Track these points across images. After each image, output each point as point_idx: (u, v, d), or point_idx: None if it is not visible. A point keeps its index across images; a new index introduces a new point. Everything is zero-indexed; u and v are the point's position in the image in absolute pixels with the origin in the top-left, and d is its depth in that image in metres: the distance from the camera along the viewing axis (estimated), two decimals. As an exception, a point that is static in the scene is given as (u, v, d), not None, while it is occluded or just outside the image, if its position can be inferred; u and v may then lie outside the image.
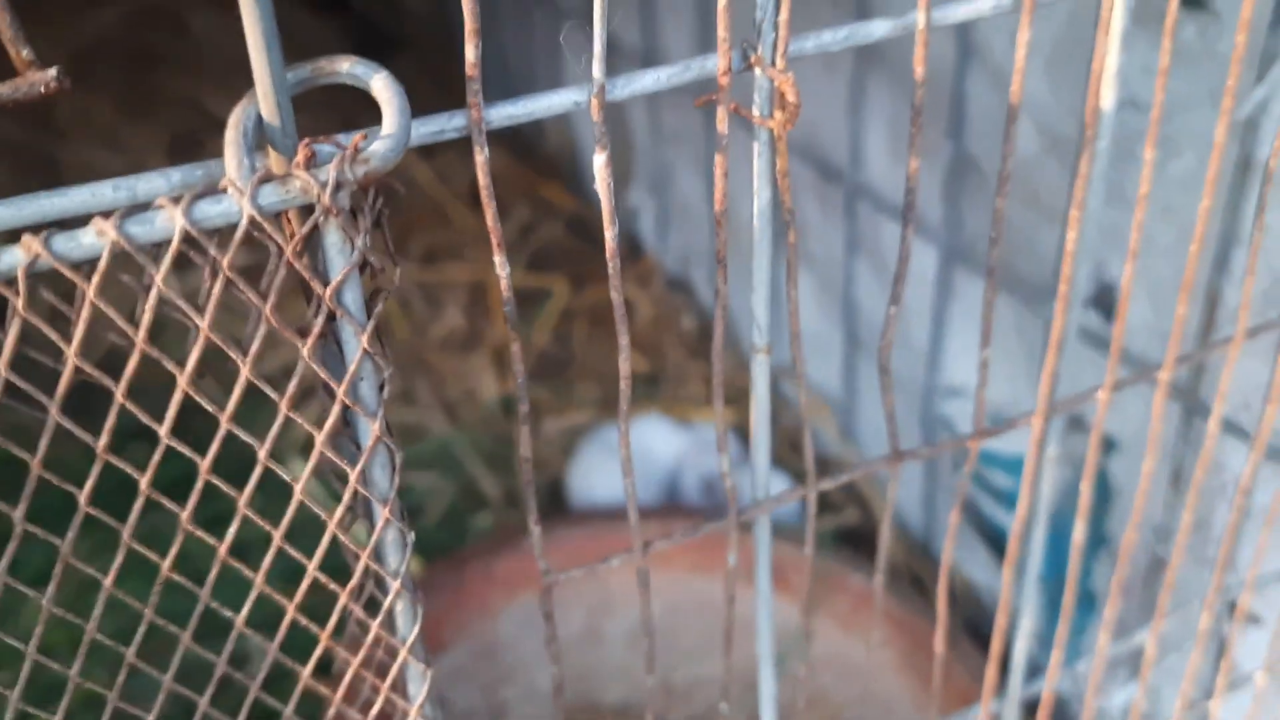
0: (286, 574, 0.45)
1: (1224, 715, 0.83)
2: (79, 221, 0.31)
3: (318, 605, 0.38)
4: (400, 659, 0.38)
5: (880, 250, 1.10)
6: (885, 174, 1.07)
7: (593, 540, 1.06)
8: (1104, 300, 0.84)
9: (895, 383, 1.13)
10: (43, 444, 0.31)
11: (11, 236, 0.31)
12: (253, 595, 0.36)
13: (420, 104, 0.38)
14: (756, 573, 0.54)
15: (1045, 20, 0.82)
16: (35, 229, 0.31)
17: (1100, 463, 0.90)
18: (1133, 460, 0.87)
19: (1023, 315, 0.92)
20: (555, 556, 1.02)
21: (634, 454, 1.26)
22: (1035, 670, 0.69)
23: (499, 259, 0.37)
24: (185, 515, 0.34)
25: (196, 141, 1.74)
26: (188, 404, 0.33)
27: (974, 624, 1.09)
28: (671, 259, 1.58)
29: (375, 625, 0.38)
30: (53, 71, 0.31)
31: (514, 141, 1.85)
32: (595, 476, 1.24)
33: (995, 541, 1.05)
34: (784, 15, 0.37)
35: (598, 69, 0.35)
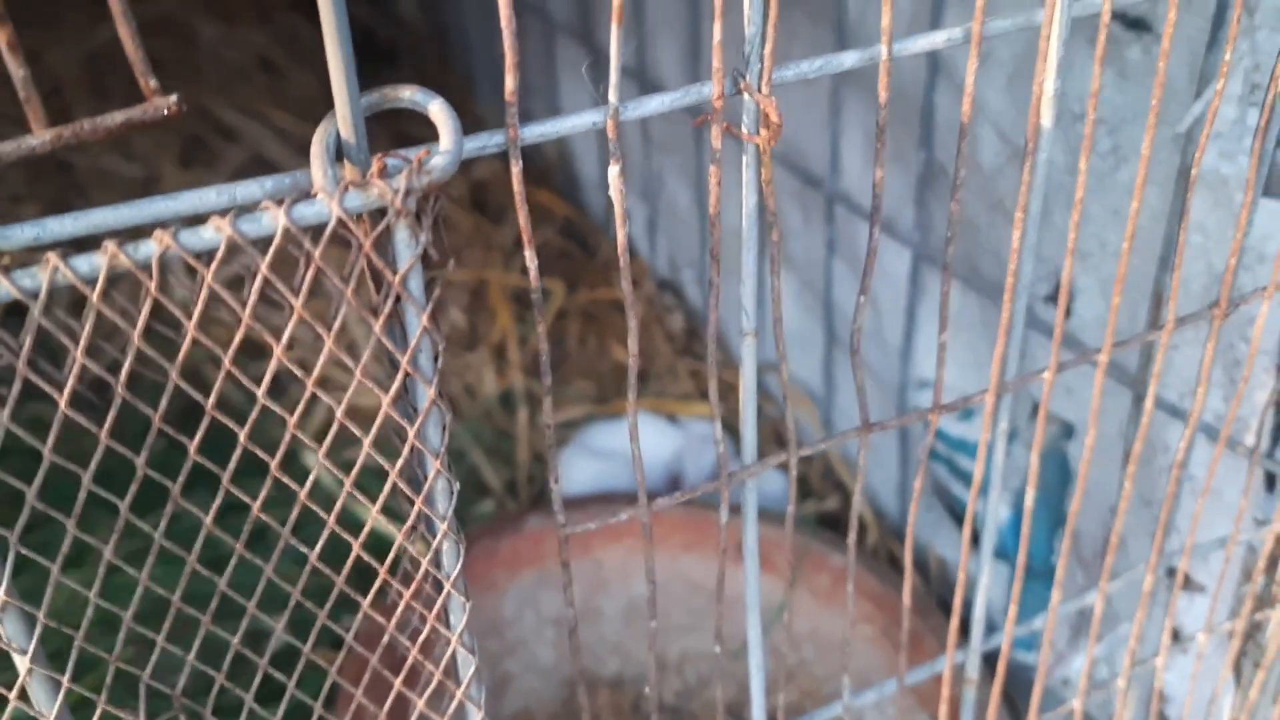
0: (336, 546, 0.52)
1: (1170, 674, 0.90)
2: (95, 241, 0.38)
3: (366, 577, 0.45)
4: (445, 591, 0.45)
5: (857, 253, 1.17)
6: (862, 181, 1.14)
7: (586, 519, 1.13)
8: (1059, 297, 0.92)
9: (871, 376, 1.21)
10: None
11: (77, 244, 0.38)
12: (325, 533, 0.43)
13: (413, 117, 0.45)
14: (744, 536, 0.61)
15: (1007, 41, 0.89)
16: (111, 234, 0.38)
17: (1060, 448, 0.98)
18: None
19: (988, 311, 0.99)
20: (554, 536, 1.09)
21: (626, 452, 1.33)
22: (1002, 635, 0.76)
23: (529, 253, 0.44)
24: (274, 471, 0.41)
25: (206, 148, 1.80)
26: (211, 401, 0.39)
27: (948, 602, 1.16)
28: (661, 262, 1.66)
29: (425, 562, 0.45)
30: (173, 97, 0.38)
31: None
32: (575, 476, 1.31)
33: (962, 520, 1.12)
34: (769, 48, 0.44)
35: (613, 95, 0.42)
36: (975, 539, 1.08)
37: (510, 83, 0.40)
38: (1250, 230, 0.75)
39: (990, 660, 1.03)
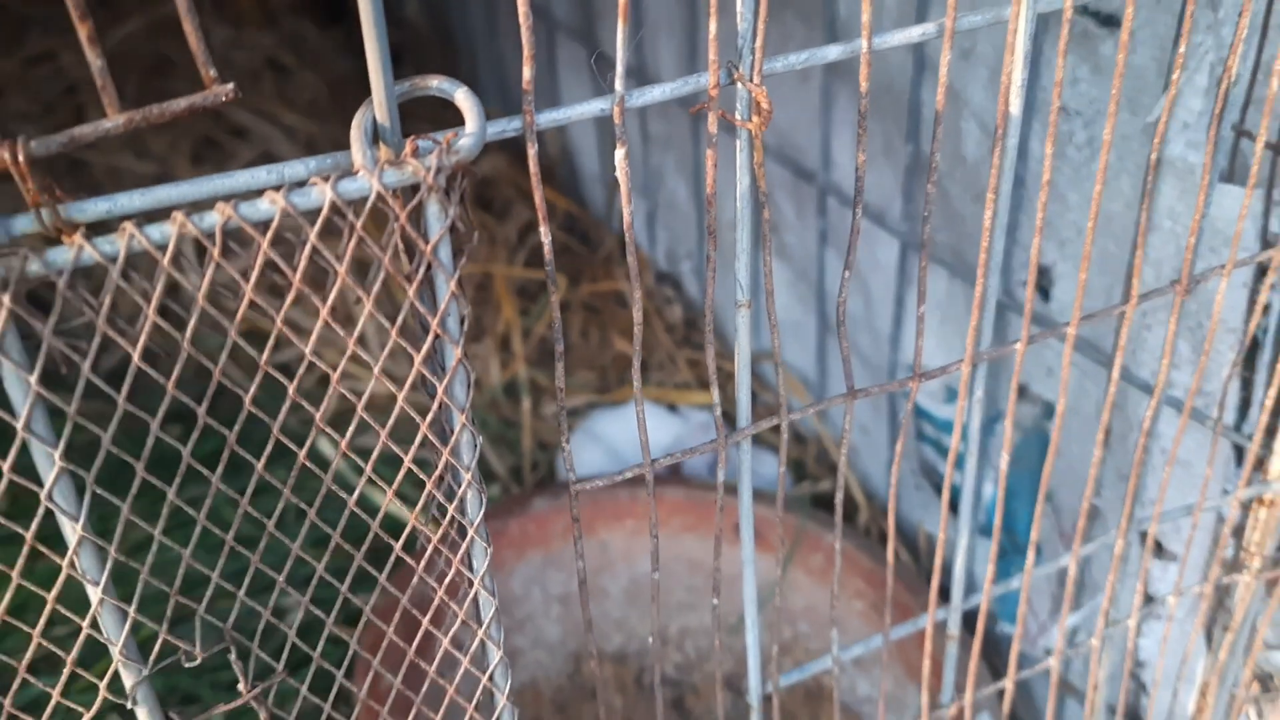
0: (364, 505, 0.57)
1: (1144, 639, 0.95)
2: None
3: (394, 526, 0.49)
4: (469, 537, 0.50)
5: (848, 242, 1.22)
6: (852, 174, 1.19)
7: (592, 501, 1.18)
8: (1040, 282, 0.96)
9: (862, 361, 1.25)
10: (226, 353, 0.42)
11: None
12: (357, 491, 0.47)
13: (423, 108, 0.49)
14: (739, 496, 0.65)
15: (990, 41, 0.94)
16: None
17: (1044, 428, 1.02)
18: (1070, 423, 0.99)
19: (971, 296, 1.04)
20: (559, 517, 1.14)
21: (628, 439, 1.37)
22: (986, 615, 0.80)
23: (544, 229, 0.49)
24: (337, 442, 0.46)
25: (218, 147, 1.85)
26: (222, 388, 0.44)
27: (936, 578, 1.21)
28: (660, 254, 1.70)
29: (452, 508, 0.49)
30: (230, 85, 0.42)
31: (513, 147, 1.96)
32: (579, 461, 1.35)
33: (953, 499, 1.17)
34: (759, 41, 0.49)
35: (620, 84, 0.47)
36: (958, 508, 1.13)
37: (527, 73, 0.45)
38: (1216, 215, 0.79)
39: (973, 626, 1.07)
